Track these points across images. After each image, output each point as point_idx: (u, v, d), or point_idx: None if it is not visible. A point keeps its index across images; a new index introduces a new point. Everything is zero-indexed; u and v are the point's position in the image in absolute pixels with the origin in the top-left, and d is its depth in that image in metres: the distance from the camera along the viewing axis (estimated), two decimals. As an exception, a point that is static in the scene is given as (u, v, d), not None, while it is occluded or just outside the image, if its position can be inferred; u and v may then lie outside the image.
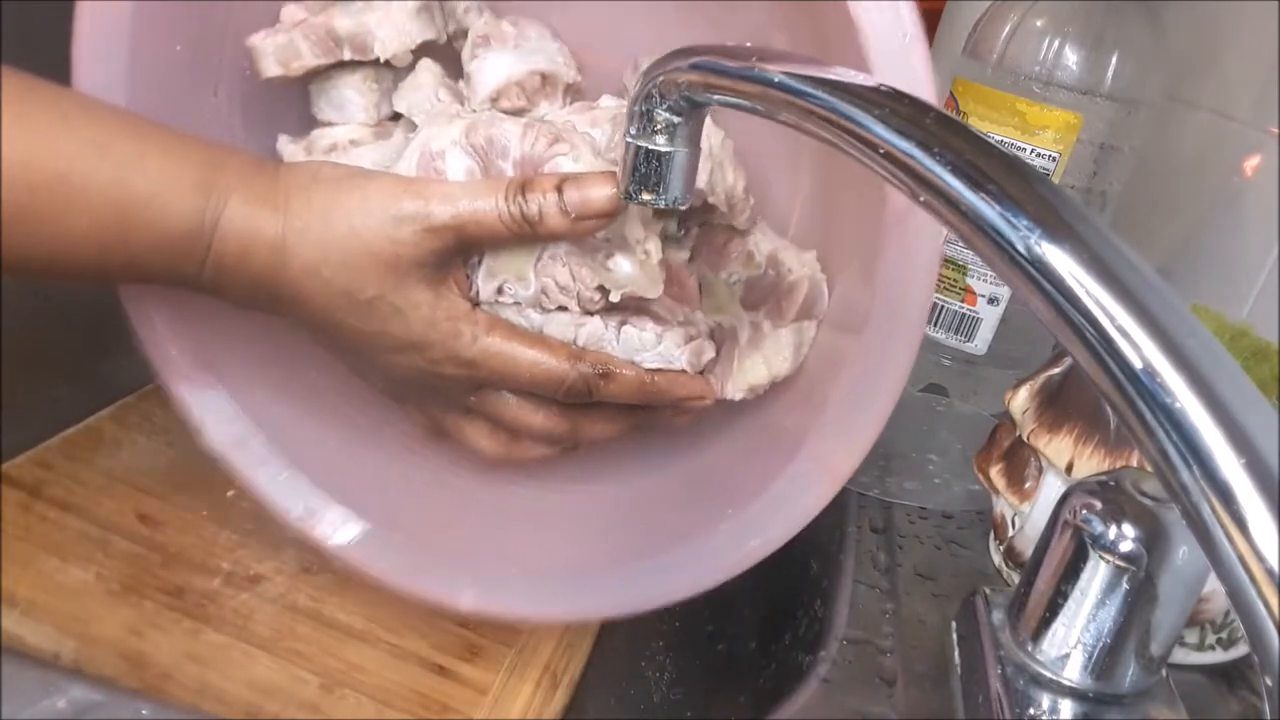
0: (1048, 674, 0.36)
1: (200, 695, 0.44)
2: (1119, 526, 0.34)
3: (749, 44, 0.32)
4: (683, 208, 0.38)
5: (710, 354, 0.42)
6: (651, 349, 0.40)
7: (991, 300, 0.61)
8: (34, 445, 0.56)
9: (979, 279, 0.61)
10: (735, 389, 0.42)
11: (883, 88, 0.28)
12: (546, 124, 0.39)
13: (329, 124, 0.45)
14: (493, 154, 0.38)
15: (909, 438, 0.58)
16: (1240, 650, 0.44)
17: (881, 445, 0.56)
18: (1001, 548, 0.48)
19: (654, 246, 0.39)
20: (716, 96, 0.34)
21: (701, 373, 0.42)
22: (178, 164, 0.36)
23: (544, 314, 0.39)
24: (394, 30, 0.42)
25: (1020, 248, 0.26)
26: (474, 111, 0.42)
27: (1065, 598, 0.36)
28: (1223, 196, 0.63)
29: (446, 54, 0.45)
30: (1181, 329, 0.24)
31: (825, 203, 0.46)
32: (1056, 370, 0.47)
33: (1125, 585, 0.34)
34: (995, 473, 0.48)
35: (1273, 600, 0.21)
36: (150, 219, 0.35)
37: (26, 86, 0.34)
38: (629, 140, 0.36)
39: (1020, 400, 0.48)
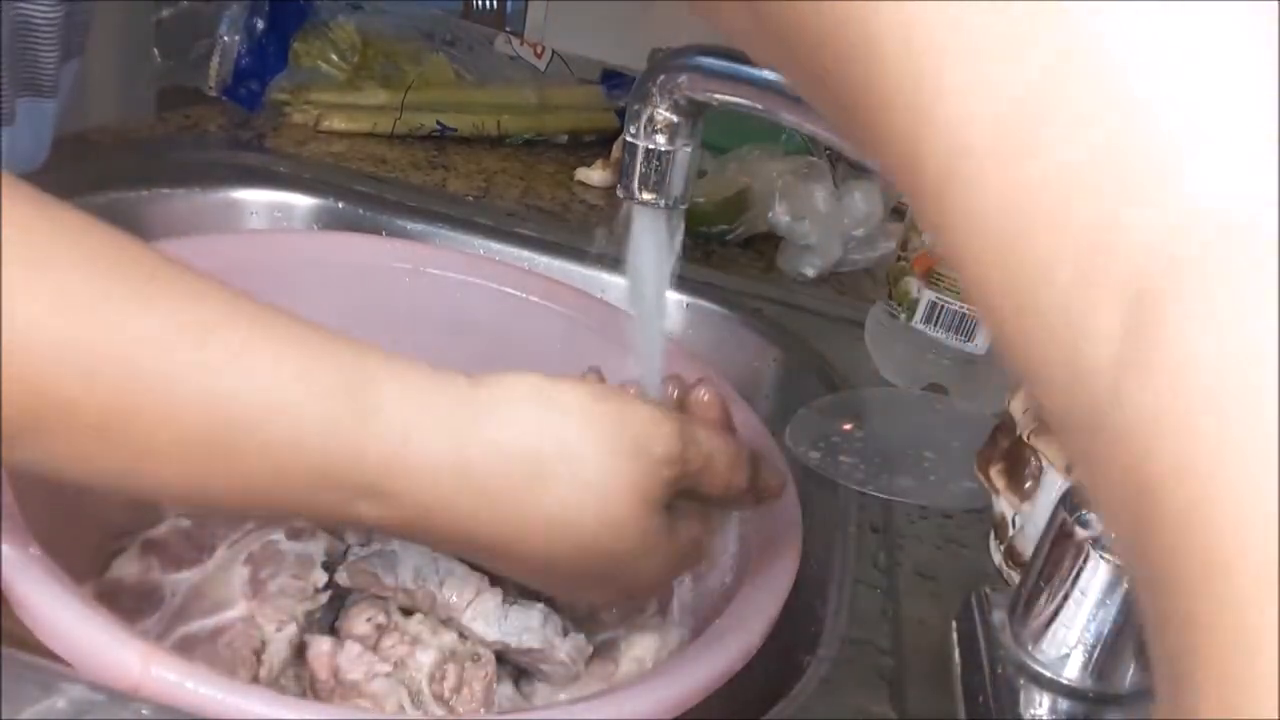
0: (1048, 674, 0.36)
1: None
2: (1119, 526, 0.34)
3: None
4: (683, 207, 0.38)
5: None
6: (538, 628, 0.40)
7: (991, 300, 0.61)
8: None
9: (979, 279, 0.61)
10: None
11: (883, 88, 0.28)
12: None
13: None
14: None
15: (909, 437, 0.58)
16: (1240, 650, 0.44)
17: (881, 445, 0.57)
18: (1001, 548, 0.48)
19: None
20: (716, 96, 0.34)
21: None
22: (312, 366, 0.29)
23: None
24: None
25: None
26: None
27: (1065, 598, 0.36)
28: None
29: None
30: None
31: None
32: (1056, 370, 0.47)
33: (1125, 585, 0.34)
34: (995, 473, 0.48)
35: (1273, 600, 0.21)
36: (267, 439, 0.28)
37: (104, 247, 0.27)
38: (629, 140, 0.36)
39: (1020, 400, 0.48)
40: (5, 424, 0.25)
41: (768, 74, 0.32)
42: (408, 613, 0.40)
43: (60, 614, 0.29)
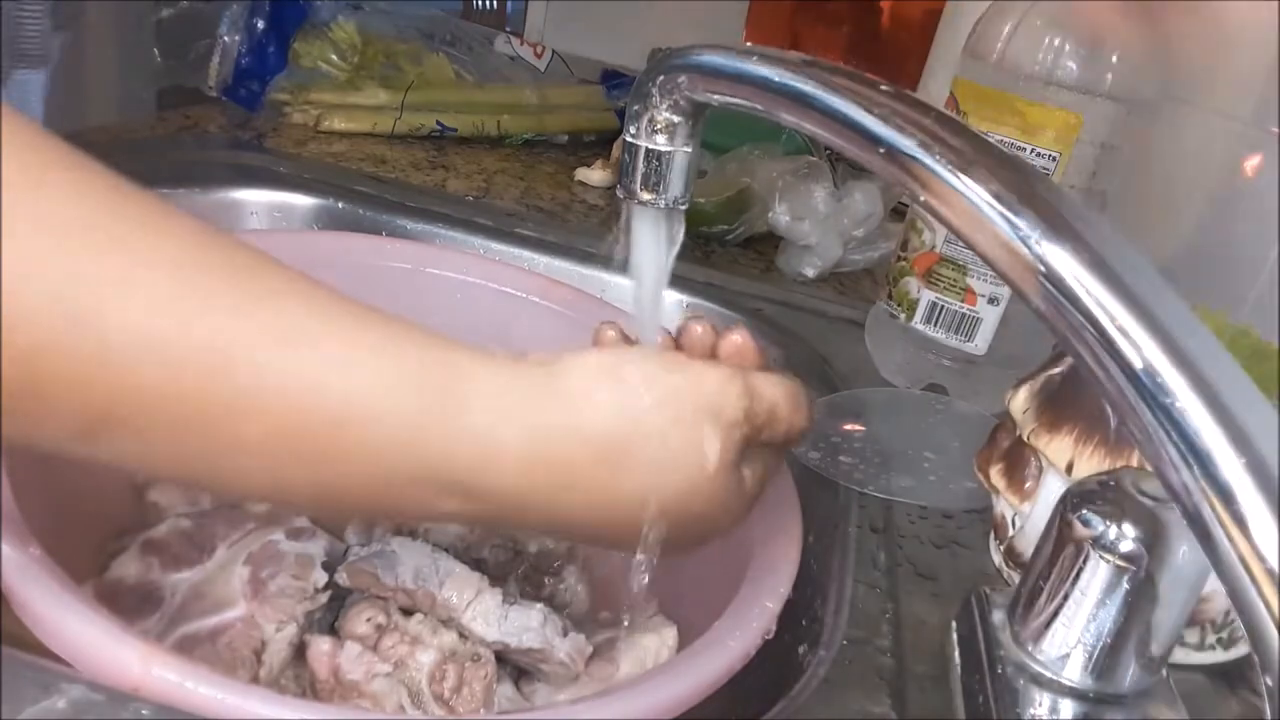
0: (1048, 674, 0.36)
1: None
2: (1119, 526, 0.34)
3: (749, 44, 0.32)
4: (683, 207, 0.38)
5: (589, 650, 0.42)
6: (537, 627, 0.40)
7: (991, 300, 0.61)
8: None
9: (979, 279, 0.61)
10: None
11: (883, 87, 0.28)
12: None
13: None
14: None
15: (909, 437, 0.58)
16: (1240, 650, 0.44)
17: (881, 445, 0.57)
18: (1001, 548, 0.48)
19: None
20: (716, 96, 0.34)
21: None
22: (403, 363, 0.28)
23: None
24: None
25: (1021, 248, 0.26)
26: None
27: (1065, 598, 0.36)
28: (1223, 196, 0.63)
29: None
30: (1182, 329, 0.24)
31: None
32: (1056, 370, 0.47)
33: (1125, 585, 0.34)
34: (995, 473, 0.48)
35: (1273, 600, 0.21)
36: (358, 437, 0.28)
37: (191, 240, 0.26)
38: (629, 140, 0.36)
39: (1020, 400, 0.47)
40: (88, 414, 0.25)
41: (768, 74, 0.32)
42: (408, 613, 0.40)
43: (60, 614, 0.29)
